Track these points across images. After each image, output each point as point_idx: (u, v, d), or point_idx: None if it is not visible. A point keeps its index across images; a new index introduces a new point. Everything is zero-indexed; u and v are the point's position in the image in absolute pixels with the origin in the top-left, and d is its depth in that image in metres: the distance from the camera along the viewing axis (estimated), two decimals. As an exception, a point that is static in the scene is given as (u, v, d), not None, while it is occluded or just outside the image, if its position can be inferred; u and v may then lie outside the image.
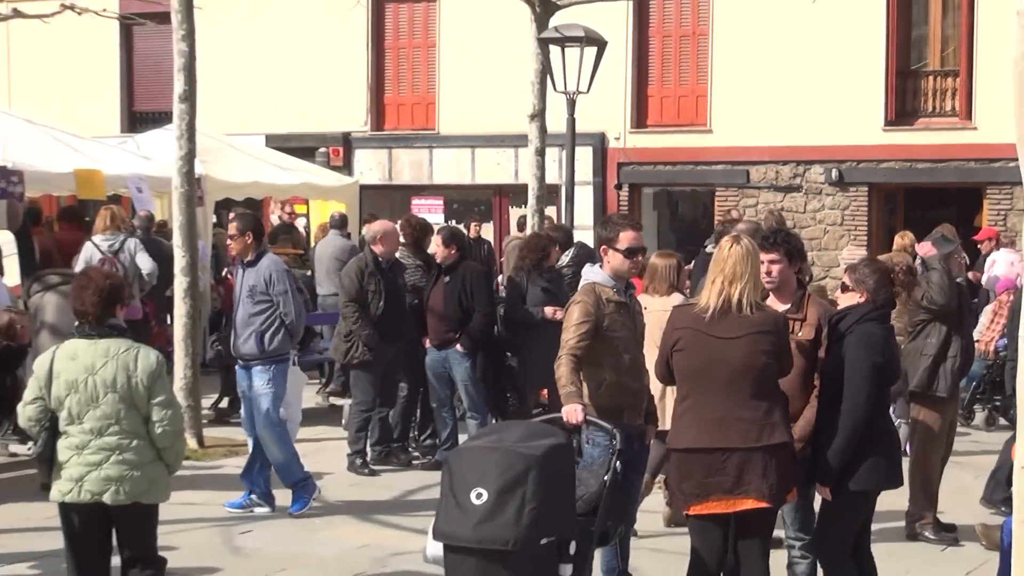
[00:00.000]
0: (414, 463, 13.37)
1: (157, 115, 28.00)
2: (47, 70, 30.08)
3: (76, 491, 7.26)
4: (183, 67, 13.87)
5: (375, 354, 13.07)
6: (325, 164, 27.35)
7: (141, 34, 29.03)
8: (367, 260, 13.31)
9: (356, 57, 29.97)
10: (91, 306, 7.36)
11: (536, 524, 6.70)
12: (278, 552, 10.19)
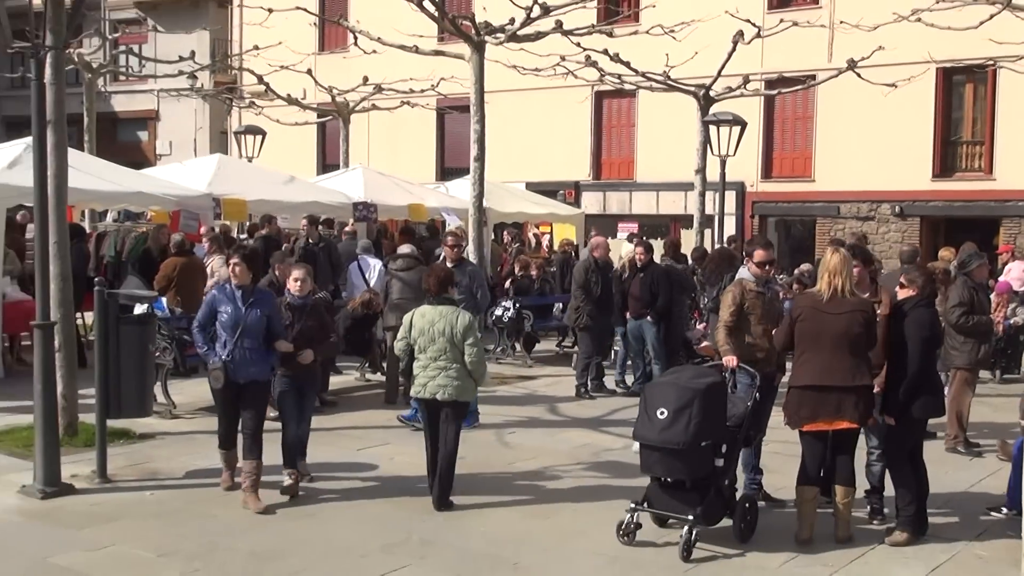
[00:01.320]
0: (617, 392, 13.30)
1: (459, 169, 28.49)
2: (392, 141, 30.79)
3: (422, 391, 8.15)
4: (476, 140, 14.02)
5: (593, 321, 13.07)
6: (563, 201, 27.39)
7: (450, 119, 29.49)
8: (590, 261, 13.32)
9: (583, 132, 30.05)
10: (434, 286, 8.32)
11: (698, 432, 6.92)
12: (530, 446, 10.24)
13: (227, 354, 7.81)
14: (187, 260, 13.18)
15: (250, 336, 7.84)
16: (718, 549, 7.09)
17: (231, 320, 7.84)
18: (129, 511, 7.75)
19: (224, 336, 7.86)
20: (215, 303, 7.97)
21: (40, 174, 8.27)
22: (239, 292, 7.94)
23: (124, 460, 9.00)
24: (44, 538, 7.12)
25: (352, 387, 13.26)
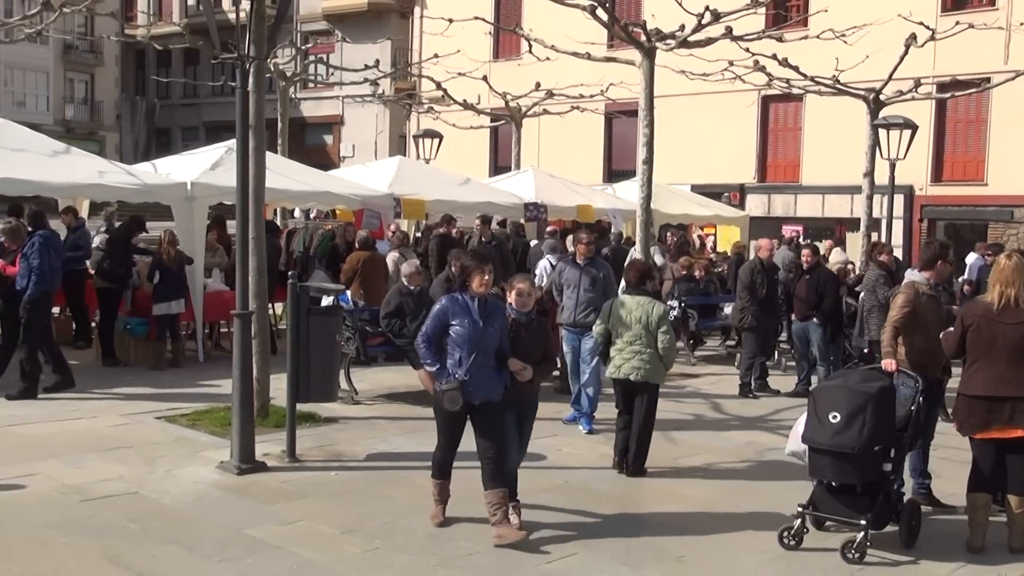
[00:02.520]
0: (780, 392, 12.97)
1: (626, 171, 28.42)
2: (561, 144, 30.89)
3: (616, 371, 8.69)
4: (645, 143, 13.91)
5: (758, 322, 12.79)
6: (727, 203, 26.96)
7: (617, 123, 29.42)
8: (756, 262, 13.06)
9: (749, 135, 29.52)
10: (634, 279, 9.07)
11: (871, 437, 6.65)
12: (695, 443, 10.11)
13: (464, 372, 6.83)
14: (370, 255, 13.57)
15: (487, 352, 6.87)
16: (883, 554, 6.83)
17: (469, 335, 6.80)
18: (315, 489, 8.03)
19: (459, 352, 6.82)
20: (447, 315, 6.87)
21: (242, 175, 8.65)
22: (474, 303, 6.87)
23: (311, 442, 9.32)
24: (240, 511, 7.44)
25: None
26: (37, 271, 10.58)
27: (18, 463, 8.34)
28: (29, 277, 10.61)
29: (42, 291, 10.69)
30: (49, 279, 10.79)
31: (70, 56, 51.80)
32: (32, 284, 10.59)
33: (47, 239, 10.88)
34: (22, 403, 10.51)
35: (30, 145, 13.09)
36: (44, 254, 10.65)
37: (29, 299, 10.61)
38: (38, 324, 10.82)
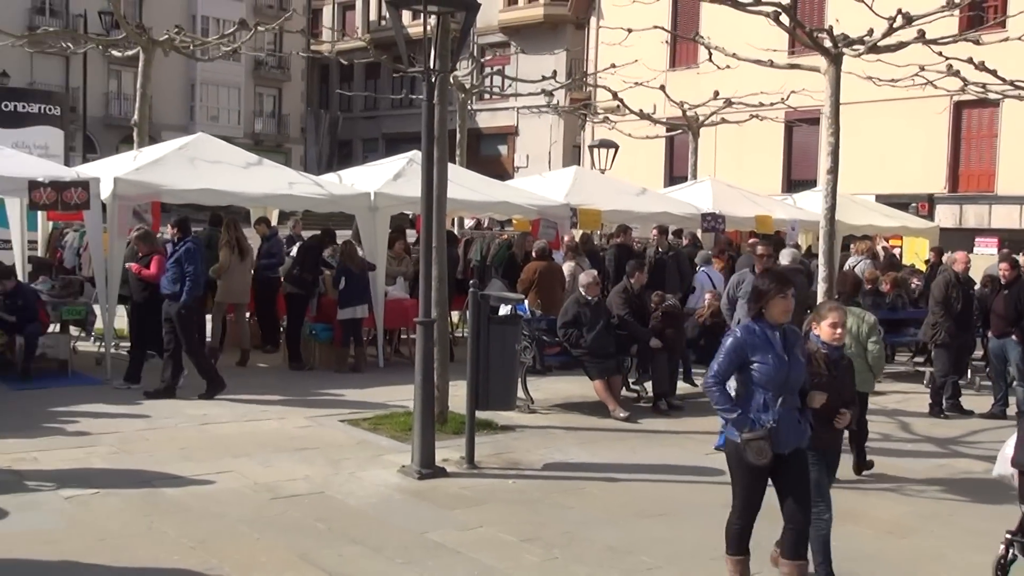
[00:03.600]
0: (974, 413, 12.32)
1: (806, 181, 27.71)
2: (739, 153, 30.34)
3: None
4: (830, 152, 13.47)
5: (952, 338, 12.20)
6: (915, 214, 25.86)
7: (798, 131, 28.70)
8: (951, 275, 12.45)
9: (940, 143, 28.29)
10: (849, 289, 9.51)
11: None
12: (884, 463, 9.63)
13: (772, 417, 5.71)
14: (547, 265, 13.67)
15: (794, 392, 5.85)
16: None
17: (774, 372, 5.71)
18: (494, 496, 8.12)
19: (763, 394, 5.73)
20: (745, 350, 5.75)
21: (426, 185, 8.84)
22: (777, 335, 5.80)
23: (489, 449, 9.43)
24: (421, 515, 7.60)
25: (697, 392, 13.15)
26: (191, 276, 11.01)
27: (213, 460, 8.77)
28: (182, 282, 11.02)
29: (196, 295, 11.15)
30: (202, 284, 11.27)
31: (260, 72, 54.41)
32: (187, 290, 11.01)
33: (198, 245, 11.35)
34: (215, 403, 11.04)
35: (226, 157, 13.79)
36: (197, 259, 11.09)
37: (185, 304, 11.04)
38: (191, 327, 11.28)
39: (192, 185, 12.52)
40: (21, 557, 6.32)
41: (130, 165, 13.04)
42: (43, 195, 11.47)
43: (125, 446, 9.13)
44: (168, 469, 8.41)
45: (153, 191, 12.34)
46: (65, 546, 6.54)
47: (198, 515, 7.31)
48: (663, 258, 14.94)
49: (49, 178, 11.58)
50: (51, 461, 8.49)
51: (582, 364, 11.47)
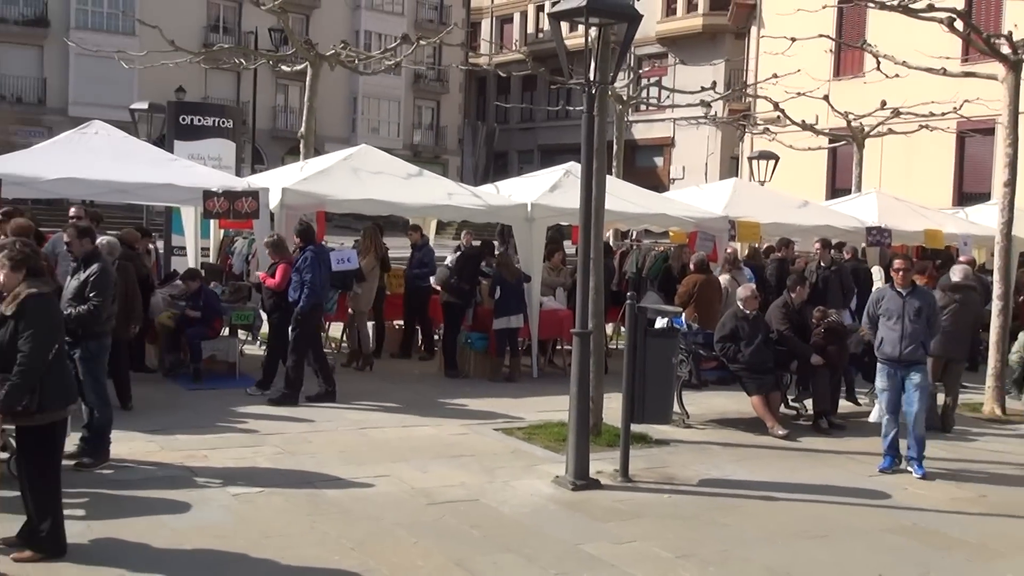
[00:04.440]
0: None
1: (979, 194, 26.53)
2: (906, 165, 29.26)
3: None
4: (1008, 164, 12.91)
5: None
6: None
7: (970, 142, 27.51)
8: None
9: None
10: None
11: None
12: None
13: None
14: (706, 278, 13.51)
15: None
16: None
17: None
18: (648, 511, 8.06)
19: None
20: None
21: (586, 196, 8.86)
22: None
23: (643, 463, 9.36)
24: (574, 526, 7.60)
25: (860, 412, 12.76)
26: (309, 284, 11.28)
27: (371, 464, 9.00)
28: (302, 290, 11.33)
29: (312, 303, 11.39)
30: (319, 292, 11.50)
31: (419, 85, 55.63)
32: (304, 297, 11.29)
33: (317, 254, 11.58)
34: (374, 409, 11.33)
35: (387, 168, 14.17)
36: (315, 268, 11.34)
37: (301, 311, 11.32)
38: (308, 334, 11.54)
39: (355, 195, 12.91)
40: (195, 548, 6.63)
41: (297, 176, 13.53)
42: (216, 204, 12.02)
43: (289, 447, 9.46)
44: (329, 471, 8.67)
45: (318, 201, 12.77)
46: (234, 541, 6.81)
47: (357, 517, 7.51)
48: (826, 273, 14.56)
49: (222, 188, 12.13)
50: (220, 459, 8.86)
51: (740, 379, 11.28)
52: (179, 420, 10.18)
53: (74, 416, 6.70)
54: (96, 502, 7.45)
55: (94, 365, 8.36)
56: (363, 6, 52.22)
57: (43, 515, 6.23)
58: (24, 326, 6.00)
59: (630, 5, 8.92)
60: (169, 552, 6.55)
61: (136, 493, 7.75)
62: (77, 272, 8.50)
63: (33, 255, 6.30)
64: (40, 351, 6.01)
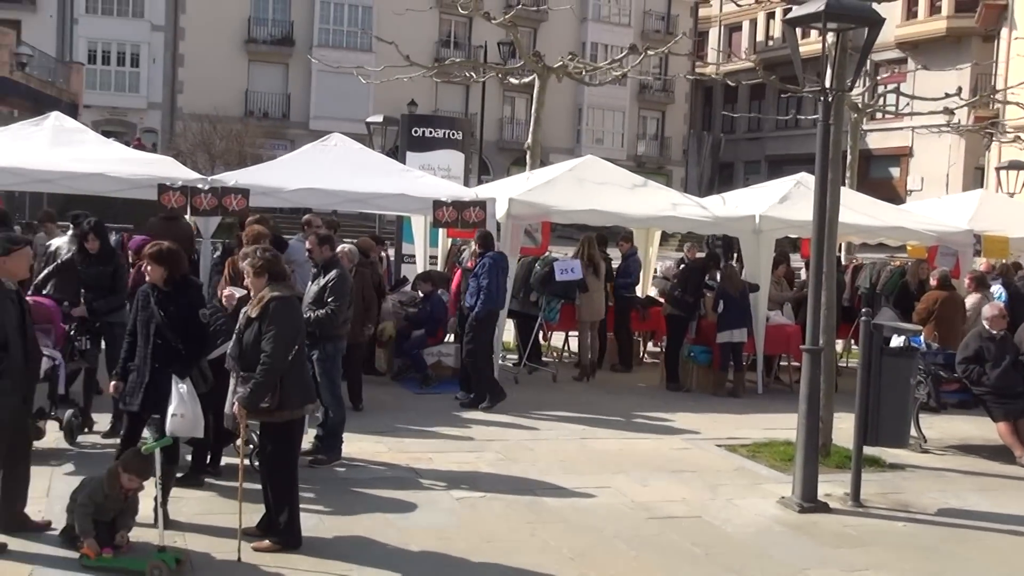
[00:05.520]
0: None
1: None
2: None
3: None
4: None
5: None
6: None
7: None
8: None
9: None
10: None
11: None
12: None
13: None
14: (948, 295, 12.82)
15: None
16: None
17: None
18: (881, 538, 7.68)
19: None
20: None
21: (819, 208, 8.56)
22: None
23: (875, 487, 8.94)
24: (801, 550, 7.34)
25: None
26: (485, 290, 11.40)
27: (591, 474, 9.01)
28: (478, 295, 11.46)
29: (488, 309, 11.47)
30: (496, 298, 11.52)
31: (644, 96, 55.54)
32: (480, 302, 11.42)
33: (496, 261, 11.62)
34: (595, 419, 11.34)
35: (612, 179, 14.18)
36: (493, 274, 11.43)
37: (476, 316, 11.47)
38: (482, 340, 11.60)
39: (580, 206, 12.98)
40: (420, 549, 6.83)
41: (523, 186, 13.75)
42: (445, 213, 12.37)
43: (510, 454, 9.60)
44: (550, 479, 8.73)
45: (543, 211, 12.92)
46: (457, 544, 6.97)
47: (577, 527, 7.53)
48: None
49: (451, 198, 12.48)
50: (444, 462, 9.10)
51: (984, 404, 10.60)
52: (406, 423, 10.52)
53: (310, 415, 7.04)
54: (329, 498, 7.80)
55: (330, 366, 8.78)
56: (590, 18, 52.65)
57: (281, 507, 6.58)
58: (267, 328, 6.37)
59: (871, 8, 8.56)
60: (396, 550, 6.78)
61: (365, 491, 8.07)
62: (317, 277, 8.96)
63: (274, 261, 6.67)
64: (282, 351, 6.35)
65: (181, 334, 6.95)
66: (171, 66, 46.19)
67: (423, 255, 16.20)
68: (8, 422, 6.32)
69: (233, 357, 6.58)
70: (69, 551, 6.32)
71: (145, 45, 45.62)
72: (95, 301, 9.27)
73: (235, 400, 6.51)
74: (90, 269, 9.31)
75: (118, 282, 9.35)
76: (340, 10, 47.97)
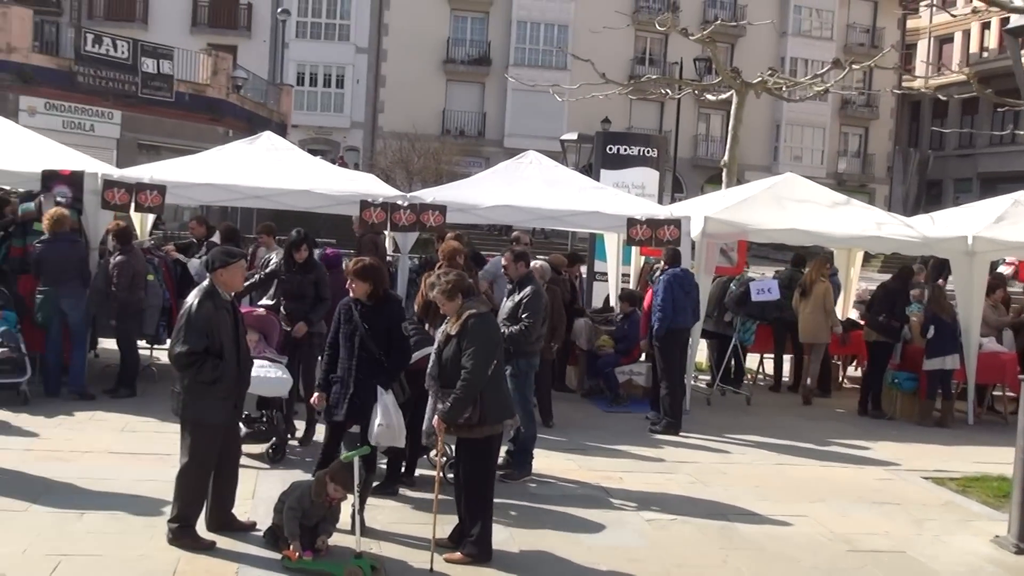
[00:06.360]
0: None
1: None
2: None
3: None
4: None
5: None
6: None
7: None
8: None
9: None
10: None
11: None
12: None
13: None
14: None
15: None
16: None
17: None
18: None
19: None
20: None
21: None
22: None
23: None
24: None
25: None
26: (660, 308, 11.17)
27: (787, 502, 8.75)
28: (655, 313, 11.31)
29: (666, 327, 11.17)
30: (670, 316, 11.18)
31: (847, 111, 53.86)
32: (656, 320, 11.22)
33: (674, 278, 11.32)
34: (790, 444, 11.01)
35: (812, 197, 13.75)
36: (667, 292, 11.16)
37: (656, 335, 11.27)
38: (668, 358, 11.29)
39: (778, 225, 12.67)
40: (609, 569, 6.79)
41: (719, 204, 13.54)
42: (639, 231, 12.31)
43: (702, 477, 9.43)
44: (743, 505, 8.53)
45: (740, 229, 12.68)
46: (647, 566, 6.89)
47: (772, 556, 7.32)
48: None
49: (646, 216, 12.41)
50: (634, 482, 9.02)
51: None
52: (596, 441, 10.50)
53: (509, 430, 7.11)
54: (519, 513, 7.86)
55: (522, 382, 8.87)
56: (790, 32, 51.48)
57: (474, 520, 6.68)
58: (467, 344, 6.49)
59: (1102, 15, 8.03)
60: (584, 569, 6.76)
61: (555, 508, 8.09)
62: (512, 293, 9.08)
63: (459, 280, 6.79)
64: (481, 367, 6.46)
65: (384, 346, 7.18)
66: (373, 87, 48.01)
67: (615, 273, 16.16)
68: (221, 426, 6.67)
69: (432, 375, 6.73)
70: (272, 552, 6.60)
71: (350, 67, 47.61)
72: (299, 309, 9.61)
73: (435, 415, 6.65)
74: (293, 278, 9.69)
75: (321, 291, 9.70)
76: (536, 29, 48.67)
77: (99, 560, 6.30)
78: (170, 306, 11.64)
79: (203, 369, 6.45)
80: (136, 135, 29.79)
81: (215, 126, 32.18)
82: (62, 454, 8.63)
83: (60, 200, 10.98)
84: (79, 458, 8.55)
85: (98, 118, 29.12)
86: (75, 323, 10.76)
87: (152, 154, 26.91)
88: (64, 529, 6.78)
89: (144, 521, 6.99)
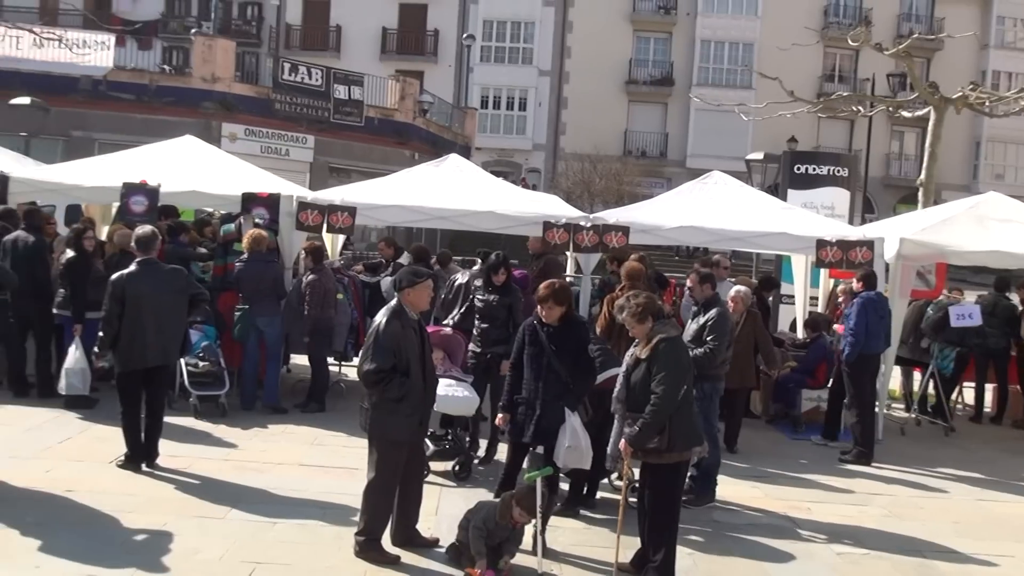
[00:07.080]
0: None
1: None
2: None
3: None
4: None
5: None
6: None
7: None
8: None
9: None
10: None
11: None
12: None
13: None
14: None
15: None
16: None
17: None
18: None
19: None
20: None
21: None
22: None
23: None
24: None
25: None
26: (851, 332, 10.79)
27: (991, 540, 8.27)
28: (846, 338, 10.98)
29: (856, 353, 10.79)
30: (863, 341, 10.74)
31: (1055, 127, 50.80)
32: (848, 344, 10.86)
33: (867, 301, 10.87)
34: (993, 480, 10.41)
35: (1018, 217, 13.01)
36: (861, 316, 10.74)
37: (846, 360, 10.90)
38: (859, 385, 10.89)
39: (980, 246, 12.03)
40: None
41: (916, 225, 12.98)
42: (829, 253, 11.93)
43: (897, 510, 9.03)
44: (942, 541, 8.11)
45: (938, 251, 12.13)
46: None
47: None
48: None
49: (836, 237, 12.02)
50: (823, 513, 8.71)
51: None
52: (782, 468, 10.21)
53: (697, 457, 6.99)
54: (703, 540, 7.71)
55: (707, 406, 8.71)
56: (991, 44, 49.03)
57: (658, 547, 6.58)
58: (657, 368, 6.41)
59: None
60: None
61: (740, 536, 7.90)
62: (697, 316, 8.94)
63: (650, 302, 6.71)
64: (671, 392, 6.36)
65: (570, 368, 7.19)
66: (555, 109, 48.46)
67: (802, 296, 15.70)
68: (407, 443, 6.82)
69: (619, 399, 6.68)
70: (454, 568, 6.69)
71: (532, 90, 48.21)
72: (490, 332, 9.58)
73: (621, 439, 6.59)
74: (489, 300, 9.61)
75: (515, 316, 9.53)
76: (721, 48, 48.10)
77: (290, 569, 6.53)
78: (358, 324, 12.02)
79: (390, 386, 6.60)
80: (327, 159, 31.03)
81: (402, 149, 33.13)
82: (257, 465, 9.01)
83: (259, 221, 11.55)
84: (272, 469, 8.91)
85: (293, 143, 30.47)
86: (271, 339, 11.24)
87: (342, 177, 27.98)
88: (258, 537, 7.07)
89: (333, 532, 7.21)
